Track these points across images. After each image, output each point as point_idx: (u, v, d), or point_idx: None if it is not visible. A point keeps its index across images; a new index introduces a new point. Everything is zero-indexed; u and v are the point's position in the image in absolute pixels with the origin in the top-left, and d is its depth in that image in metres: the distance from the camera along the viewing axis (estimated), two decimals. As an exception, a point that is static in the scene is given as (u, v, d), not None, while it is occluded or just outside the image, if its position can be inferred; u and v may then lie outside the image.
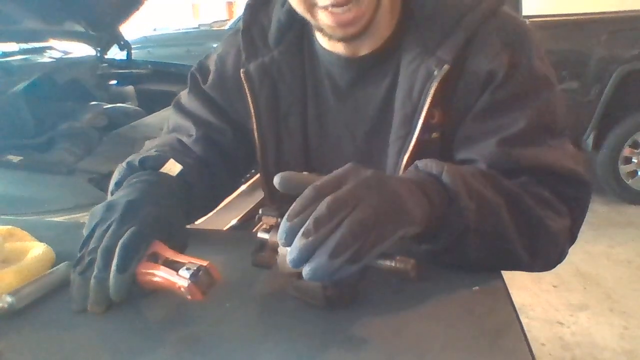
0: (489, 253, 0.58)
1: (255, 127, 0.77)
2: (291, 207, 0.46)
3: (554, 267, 0.66)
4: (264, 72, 0.75)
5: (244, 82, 0.75)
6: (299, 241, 0.44)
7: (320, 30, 0.68)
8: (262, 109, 0.76)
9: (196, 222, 0.82)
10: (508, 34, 0.66)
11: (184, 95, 0.86)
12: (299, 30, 0.75)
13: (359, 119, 0.75)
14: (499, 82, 0.65)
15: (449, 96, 0.68)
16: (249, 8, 0.79)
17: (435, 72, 0.65)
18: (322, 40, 0.73)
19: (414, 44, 0.68)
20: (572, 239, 0.68)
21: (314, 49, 0.76)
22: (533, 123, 0.64)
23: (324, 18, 0.63)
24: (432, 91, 0.65)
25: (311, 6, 0.63)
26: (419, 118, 0.67)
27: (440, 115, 0.68)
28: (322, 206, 0.44)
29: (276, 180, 0.50)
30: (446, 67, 0.64)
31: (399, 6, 0.70)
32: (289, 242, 0.45)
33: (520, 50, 0.66)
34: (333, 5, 0.61)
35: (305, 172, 0.52)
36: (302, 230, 0.44)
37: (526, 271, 0.64)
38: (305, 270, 0.44)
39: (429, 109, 0.66)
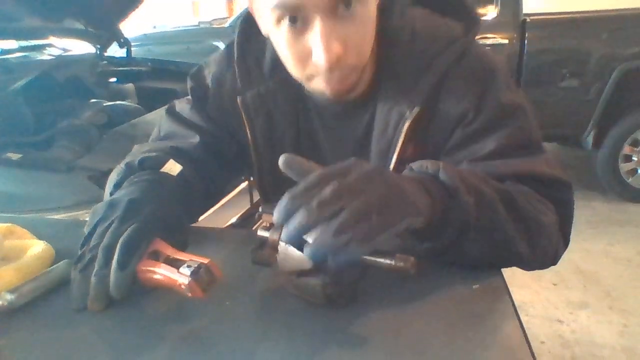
0: (489, 249, 0.58)
1: (252, 149, 0.80)
2: (294, 188, 0.45)
3: (549, 266, 0.67)
4: (260, 101, 0.78)
5: (241, 109, 0.78)
6: (300, 215, 0.43)
7: (311, 90, 0.72)
8: (259, 133, 0.79)
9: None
10: (475, 74, 0.69)
11: (181, 105, 0.85)
12: None
13: (342, 147, 0.79)
14: (469, 119, 0.68)
15: (422, 134, 0.70)
16: (241, 35, 0.79)
17: (407, 113, 0.69)
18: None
19: (389, 87, 0.71)
20: (565, 241, 0.68)
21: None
22: (504, 144, 0.67)
23: (317, 85, 0.67)
24: (404, 130, 0.69)
25: (310, 77, 0.66)
26: (393, 153, 0.70)
27: (413, 149, 0.71)
28: (327, 191, 0.44)
29: (281, 160, 0.50)
30: (417, 109, 0.68)
31: (375, 55, 0.72)
32: (284, 218, 0.44)
33: (488, 86, 0.69)
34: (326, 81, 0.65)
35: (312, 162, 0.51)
36: (303, 207, 0.43)
37: (525, 268, 0.64)
38: (307, 248, 0.43)
39: (402, 145, 0.69)
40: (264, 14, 0.64)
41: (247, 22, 0.79)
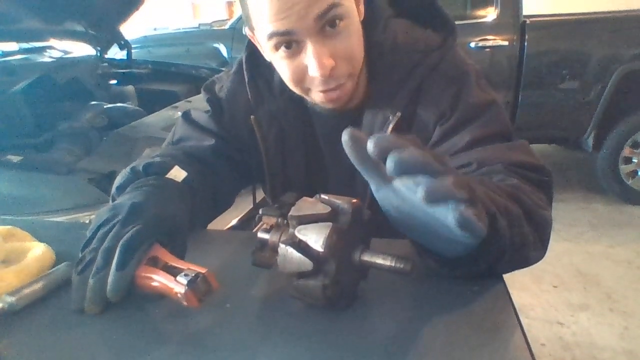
0: (513, 262, 0.57)
1: (265, 160, 0.87)
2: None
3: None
4: (272, 117, 0.85)
5: (255, 126, 0.85)
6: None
7: (312, 101, 0.79)
8: (271, 146, 0.86)
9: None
10: (449, 79, 0.76)
11: (198, 113, 0.89)
12: None
13: (339, 155, 0.81)
14: (447, 118, 0.75)
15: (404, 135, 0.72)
16: (249, 60, 0.85)
17: (390, 118, 0.76)
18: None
19: (375, 95, 0.79)
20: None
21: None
22: (480, 133, 0.72)
23: (315, 97, 0.74)
24: (389, 132, 0.75)
25: (306, 90, 0.74)
26: None
27: None
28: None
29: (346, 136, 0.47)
30: (398, 114, 0.76)
31: (367, 68, 0.78)
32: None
33: (461, 87, 0.75)
34: (324, 91, 0.71)
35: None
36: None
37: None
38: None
39: None
40: (263, 44, 0.71)
41: (254, 46, 0.84)
